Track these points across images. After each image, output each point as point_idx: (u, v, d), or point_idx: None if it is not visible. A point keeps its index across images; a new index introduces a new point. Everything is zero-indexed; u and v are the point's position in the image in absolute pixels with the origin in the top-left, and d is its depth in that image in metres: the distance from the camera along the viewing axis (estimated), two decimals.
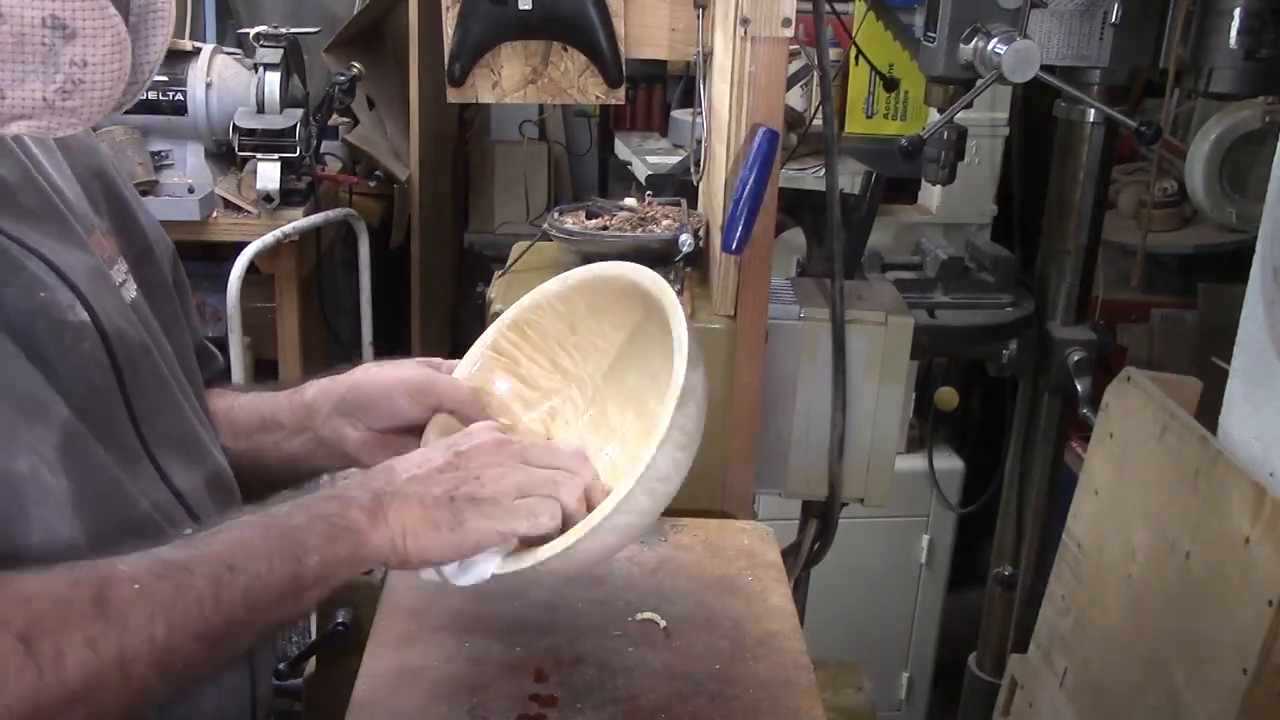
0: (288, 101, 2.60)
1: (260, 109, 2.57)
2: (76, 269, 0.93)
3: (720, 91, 1.44)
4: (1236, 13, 1.75)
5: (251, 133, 2.55)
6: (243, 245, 2.45)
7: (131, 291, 1.01)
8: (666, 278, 1.48)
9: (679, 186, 1.79)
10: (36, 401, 0.85)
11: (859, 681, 1.82)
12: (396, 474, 0.93)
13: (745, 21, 1.31)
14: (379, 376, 1.12)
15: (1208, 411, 1.57)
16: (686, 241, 1.47)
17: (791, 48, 1.94)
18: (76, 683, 0.76)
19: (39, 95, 0.79)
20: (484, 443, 0.96)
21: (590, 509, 0.97)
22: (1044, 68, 1.70)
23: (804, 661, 1.05)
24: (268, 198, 2.56)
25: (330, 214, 2.71)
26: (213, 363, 1.22)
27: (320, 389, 1.15)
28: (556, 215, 1.57)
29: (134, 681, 0.79)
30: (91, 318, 0.92)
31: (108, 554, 0.86)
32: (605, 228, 1.54)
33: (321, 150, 2.81)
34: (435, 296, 3.28)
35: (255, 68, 2.60)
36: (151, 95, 2.57)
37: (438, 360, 1.14)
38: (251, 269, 2.48)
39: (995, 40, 1.69)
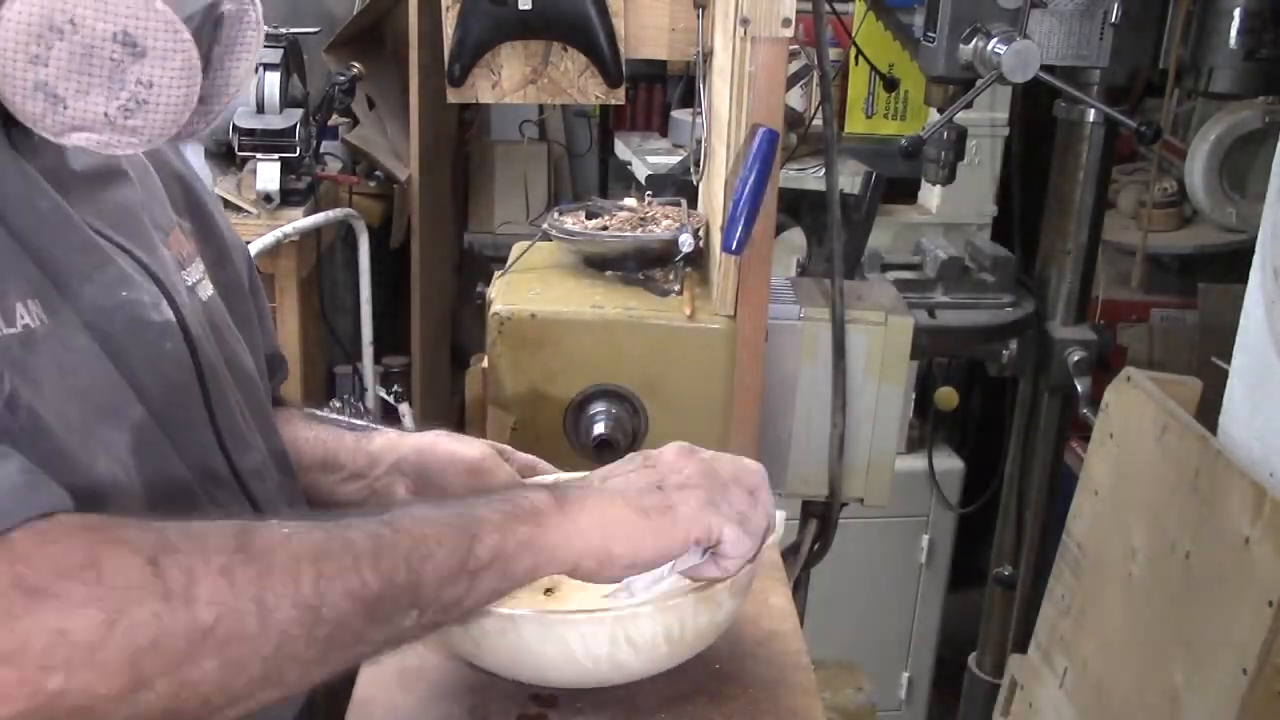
0: (288, 101, 2.60)
1: (260, 109, 2.57)
2: (162, 267, 0.93)
3: (720, 91, 1.44)
4: (1236, 13, 1.75)
5: (251, 133, 2.55)
6: None
7: (208, 290, 1.01)
8: (666, 278, 1.49)
9: (679, 186, 1.79)
10: (113, 401, 0.85)
11: (859, 681, 1.82)
12: (590, 479, 0.89)
13: (745, 21, 1.31)
14: (444, 446, 1.12)
15: (1208, 411, 1.57)
16: (686, 241, 1.47)
17: (791, 48, 1.94)
18: (208, 615, 0.67)
19: (101, 110, 0.79)
20: (675, 455, 0.90)
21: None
22: (1044, 68, 1.70)
23: (804, 661, 1.05)
24: (268, 198, 2.55)
25: (330, 214, 2.70)
26: (281, 370, 1.22)
27: (388, 442, 1.15)
28: (556, 215, 1.58)
29: (274, 629, 0.69)
30: (176, 317, 0.91)
31: None
32: (605, 228, 1.54)
33: (321, 150, 2.81)
34: (435, 296, 3.28)
35: (255, 68, 2.60)
36: None
37: (508, 450, 1.14)
38: None
39: (995, 40, 1.69)
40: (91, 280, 0.86)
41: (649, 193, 1.66)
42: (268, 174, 2.54)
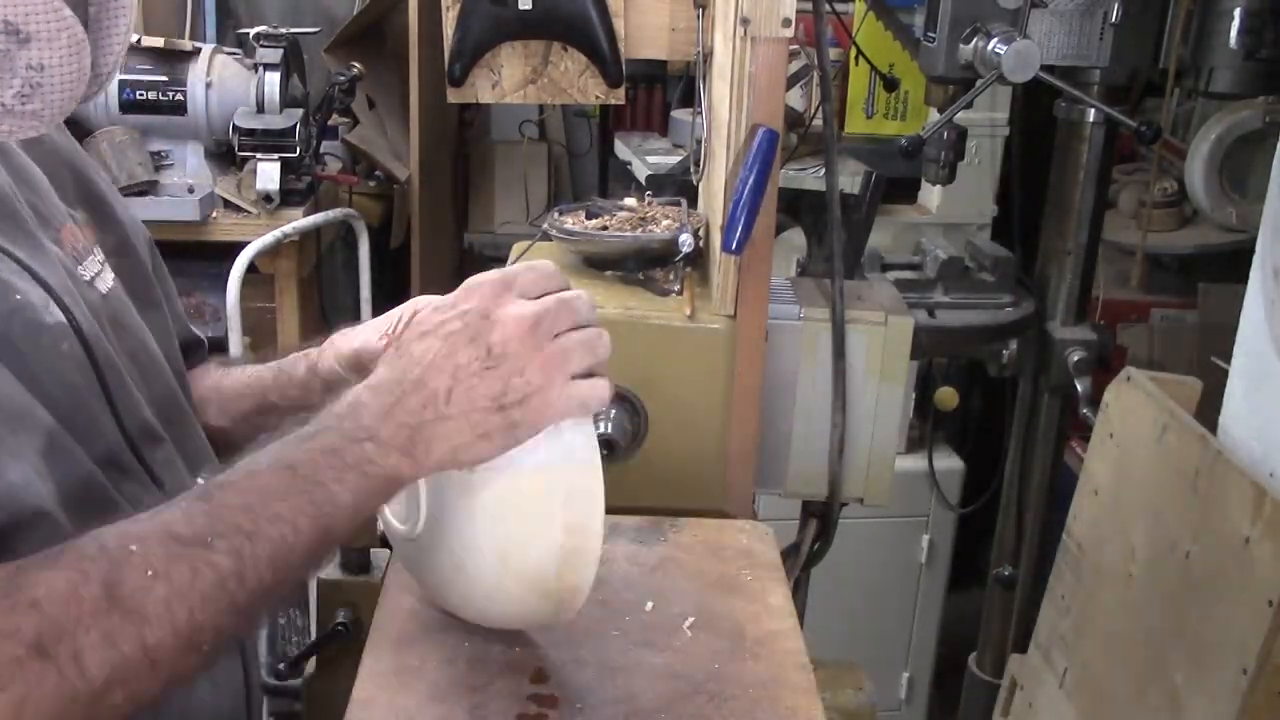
0: (288, 101, 2.60)
1: (260, 109, 2.57)
2: (47, 268, 0.92)
3: (720, 91, 1.44)
4: (1236, 13, 1.75)
5: (251, 133, 2.55)
6: (243, 245, 2.45)
7: (108, 281, 1.00)
8: (666, 278, 1.49)
9: (679, 186, 1.79)
10: (18, 408, 0.84)
11: (859, 681, 1.82)
12: (433, 391, 0.85)
13: (745, 21, 1.31)
14: (366, 326, 1.11)
15: (1208, 411, 1.57)
16: (686, 241, 1.47)
17: (791, 48, 1.94)
18: (101, 680, 0.73)
19: None
20: (511, 331, 0.86)
21: None
22: (1044, 68, 1.70)
23: (804, 661, 1.05)
24: (268, 198, 2.56)
25: (330, 214, 2.71)
26: (199, 351, 1.21)
27: (309, 362, 1.13)
28: (556, 215, 1.57)
29: (163, 667, 0.76)
30: (67, 318, 0.91)
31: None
32: (605, 228, 1.54)
33: (321, 150, 2.81)
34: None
35: (255, 68, 2.60)
36: (151, 95, 2.57)
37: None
38: (251, 269, 2.48)
39: (995, 40, 1.69)
40: None
41: (649, 193, 1.66)
42: (268, 174, 2.54)
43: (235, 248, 2.46)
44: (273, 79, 2.57)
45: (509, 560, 0.93)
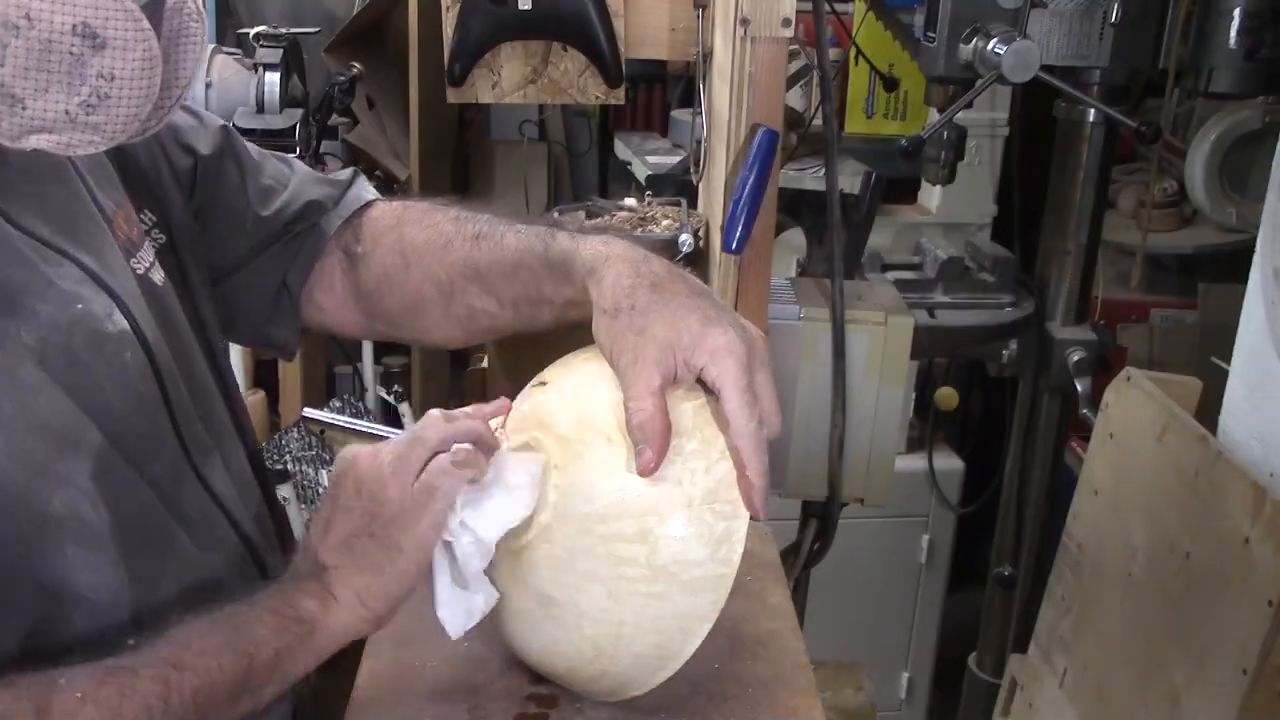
0: (288, 101, 2.60)
1: (260, 109, 2.57)
2: (109, 270, 0.90)
3: (720, 91, 1.44)
4: (1236, 13, 1.75)
5: (251, 133, 2.54)
6: None
7: (159, 275, 0.97)
8: None
9: (679, 186, 1.79)
10: (68, 432, 0.82)
11: (859, 681, 1.82)
12: (313, 547, 0.91)
13: (745, 21, 1.31)
14: None
15: (1208, 411, 1.57)
16: (686, 241, 1.47)
17: (791, 48, 1.94)
18: None
19: (61, 107, 0.76)
20: (358, 475, 0.90)
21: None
22: (1044, 68, 1.70)
23: (803, 661, 1.05)
24: None
25: None
26: (349, 194, 1.14)
27: None
28: (556, 215, 1.58)
29: None
30: (131, 325, 0.89)
31: (144, 584, 0.85)
32: (605, 228, 1.54)
33: (321, 150, 2.81)
34: None
35: (255, 68, 2.60)
36: None
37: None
38: None
39: (995, 40, 1.69)
40: (45, 298, 0.83)
41: (649, 193, 1.66)
42: None
43: None
44: (273, 79, 2.57)
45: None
